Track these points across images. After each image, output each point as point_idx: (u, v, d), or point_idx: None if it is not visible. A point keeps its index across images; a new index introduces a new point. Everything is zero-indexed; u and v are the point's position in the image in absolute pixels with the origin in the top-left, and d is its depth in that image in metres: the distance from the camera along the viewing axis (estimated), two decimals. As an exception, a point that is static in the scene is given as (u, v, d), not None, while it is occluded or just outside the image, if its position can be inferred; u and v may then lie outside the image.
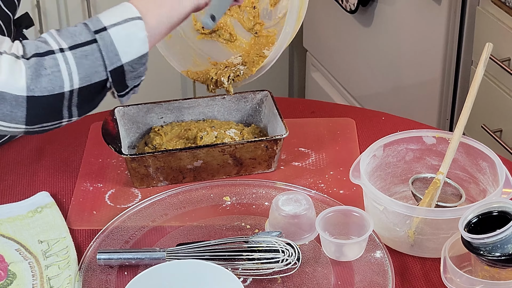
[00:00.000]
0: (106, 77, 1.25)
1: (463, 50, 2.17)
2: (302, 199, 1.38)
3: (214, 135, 1.56)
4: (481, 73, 1.41)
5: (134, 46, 1.25)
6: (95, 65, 1.23)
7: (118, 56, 1.24)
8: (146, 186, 1.52)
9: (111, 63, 1.24)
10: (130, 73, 1.27)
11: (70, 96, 1.23)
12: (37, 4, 2.61)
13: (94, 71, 1.23)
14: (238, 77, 1.53)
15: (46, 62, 1.21)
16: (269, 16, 1.60)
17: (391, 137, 1.45)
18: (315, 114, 1.72)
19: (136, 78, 1.29)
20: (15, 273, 1.33)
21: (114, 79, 1.25)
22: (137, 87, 1.31)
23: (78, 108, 1.25)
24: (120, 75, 1.26)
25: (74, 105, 1.25)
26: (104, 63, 1.24)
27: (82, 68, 1.23)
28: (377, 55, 2.51)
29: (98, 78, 1.24)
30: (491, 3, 2.01)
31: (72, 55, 1.22)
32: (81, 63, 1.23)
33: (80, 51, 1.23)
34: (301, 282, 1.31)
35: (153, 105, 1.62)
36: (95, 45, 1.23)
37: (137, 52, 1.25)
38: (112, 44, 1.23)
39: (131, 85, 1.29)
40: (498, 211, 1.24)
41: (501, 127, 2.06)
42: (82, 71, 1.23)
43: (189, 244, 1.34)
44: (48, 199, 1.48)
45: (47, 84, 1.21)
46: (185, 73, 1.59)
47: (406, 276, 1.33)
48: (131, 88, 1.30)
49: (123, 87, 1.28)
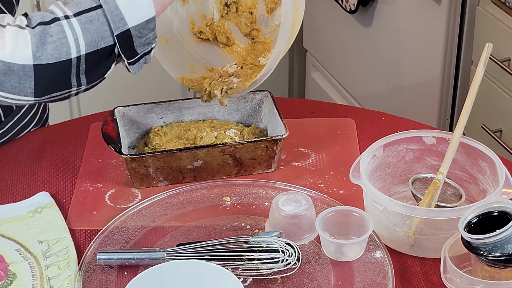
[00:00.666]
0: (113, 42, 1.24)
1: (463, 50, 2.17)
2: (302, 199, 1.39)
3: (214, 135, 1.56)
4: (481, 73, 1.42)
5: (139, 9, 1.25)
6: (101, 30, 1.23)
7: (124, 20, 1.24)
8: (146, 186, 1.52)
9: (117, 27, 1.23)
10: (138, 39, 1.26)
11: (78, 62, 1.22)
12: (37, 4, 2.61)
13: (100, 36, 1.23)
14: (231, 89, 1.53)
15: (52, 29, 1.21)
16: (266, 23, 1.60)
17: (391, 137, 1.45)
18: (315, 114, 1.72)
19: (145, 44, 1.28)
20: (15, 273, 1.33)
21: (121, 44, 1.25)
22: (148, 55, 1.30)
23: (87, 75, 1.24)
24: (127, 40, 1.25)
25: (82, 73, 1.24)
26: (110, 28, 1.23)
27: (88, 33, 1.22)
28: (377, 55, 2.51)
29: (105, 43, 1.24)
30: (491, 3, 2.02)
31: (77, 21, 1.22)
32: (86, 28, 1.22)
33: (85, 17, 1.22)
34: (301, 282, 1.31)
35: (153, 105, 1.62)
36: (100, 10, 1.23)
37: (143, 16, 1.25)
38: (117, 9, 1.23)
39: (141, 51, 1.28)
40: (498, 211, 1.24)
41: (501, 127, 2.06)
42: (88, 36, 1.22)
43: (189, 244, 1.34)
44: (48, 199, 1.48)
45: (53, 51, 1.20)
46: (181, 80, 1.59)
47: (406, 276, 1.33)
48: (141, 56, 1.29)
49: (132, 54, 1.27)
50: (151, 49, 1.29)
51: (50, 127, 1.72)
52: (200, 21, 1.62)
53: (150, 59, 1.31)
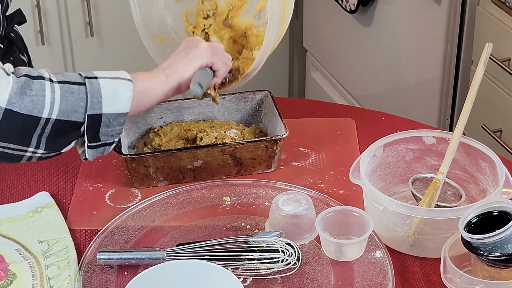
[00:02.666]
0: (83, 120, 1.28)
1: (463, 50, 2.17)
2: (302, 199, 1.39)
3: (214, 135, 1.56)
4: (481, 73, 1.42)
5: (118, 101, 1.30)
6: (77, 104, 1.27)
7: (100, 104, 1.28)
8: (146, 186, 1.52)
9: (92, 108, 1.28)
10: (105, 127, 1.30)
11: (45, 124, 1.26)
12: (37, 4, 2.61)
13: (74, 110, 1.27)
14: (223, 84, 1.53)
15: (34, 85, 1.25)
16: (258, 16, 1.60)
17: (391, 137, 1.45)
18: (315, 114, 1.72)
19: (109, 135, 1.32)
20: (15, 273, 1.33)
21: (89, 125, 1.29)
22: (107, 147, 1.34)
23: (48, 140, 1.28)
24: (96, 123, 1.29)
25: (45, 136, 1.27)
26: (86, 106, 1.28)
27: (65, 101, 1.27)
28: (377, 55, 2.51)
29: (75, 118, 1.28)
30: (491, 3, 2.01)
31: (59, 87, 1.27)
32: (65, 97, 1.27)
33: (68, 87, 1.27)
34: (301, 282, 1.31)
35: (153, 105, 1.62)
36: (83, 87, 1.28)
37: (119, 108, 1.30)
38: (99, 92, 1.29)
39: (103, 140, 1.32)
40: (498, 211, 1.24)
41: (501, 127, 2.06)
42: (63, 105, 1.26)
43: (189, 244, 1.34)
44: (48, 199, 1.48)
45: (28, 104, 1.24)
46: None
47: (406, 276, 1.33)
48: (102, 145, 1.32)
49: (95, 139, 1.31)
50: (113, 142, 1.34)
51: (50, 127, 1.72)
52: (193, 19, 1.62)
53: (107, 153, 1.35)
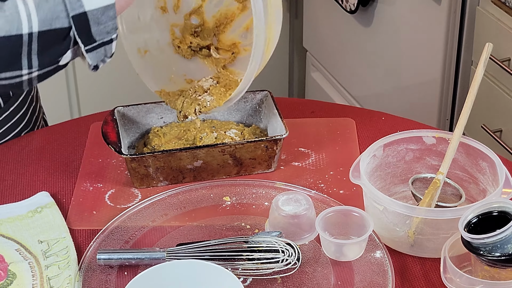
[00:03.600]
0: (68, 24, 1.21)
1: (463, 50, 2.17)
2: (302, 199, 1.39)
3: (213, 136, 1.56)
4: (481, 73, 1.42)
5: None
6: (56, 9, 1.20)
7: (80, 1, 1.20)
8: (146, 186, 1.52)
9: (72, 8, 1.20)
10: (96, 25, 1.23)
11: (30, 40, 1.19)
12: None
13: (55, 16, 1.20)
14: (205, 108, 1.52)
15: (5, 5, 1.18)
16: (245, 35, 1.59)
17: (391, 137, 1.45)
18: (315, 114, 1.72)
19: (104, 33, 1.24)
20: (15, 273, 1.33)
21: (78, 27, 1.21)
22: (108, 46, 1.26)
23: (39, 56, 1.21)
24: (84, 24, 1.21)
25: (34, 53, 1.20)
26: (66, 9, 1.20)
27: (41, 10, 1.19)
28: (377, 55, 2.52)
29: (60, 24, 1.20)
30: (491, 3, 2.02)
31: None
32: (40, 5, 1.19)
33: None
34: (301, 282, 1.31)
35: (153, 105, 1.62)
36: None
37: (101, 1, 1.22)
38: None
39: (99, 39, 1.24)
40: (498, 211, 1.24)
41: (501, 127, 2.06)
42: (41, 13, 1.19)
43: (189, 244, 1.34)
44: (48, 199, 1.48)
45: (3, 24, 1.17)
46: (158, 93, 1.57)
47: (406, 276, 1.33)
48: (100, 45, 1.25)
49: (89, 40, 1.23)
50: (111, 40, 1.26)
51: (50, 127, 1.72)
52: (179, 32, 1.61)
53: (111, 52, 1.27)
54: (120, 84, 3.00)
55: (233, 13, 1.59)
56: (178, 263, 1.24)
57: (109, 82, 3.01)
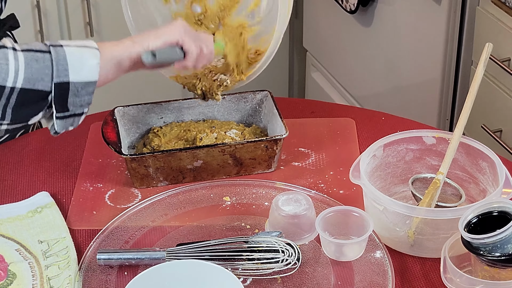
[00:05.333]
0: (49, 89, 1.26)
1: (463, 50, 2.17)
2: (302, 199, 1.39)
3: (213, 136, 1.56)
4: (481, 73, 1.42)
5: (85, 68, 1.28)
6: (43, 72, 1.25)
7: (67, 71, 1.26)
8: (146, 186, 1.52)
9: (58, 75, 1.26)
10: (74, 97, 1.28)
11: (10, 93, 1.23)
12: (37, 4, 2.61)
13: (40, 77, 1.25)
14: (226, 87, 1.53)
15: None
16: (252, 15, 1.60)
17: (391, 137, 1.45)
18: (315, 114, 1.72)
19: (78, 106, 1.30)
20: (15, 273, 1.33)
21: (56, 94, 1.26)
22: (76, 118, 1.31)
23: (14, 111, 1.25)
24: (63, 92, 1.27)
25: (10, 106, 1.25)
26: (52, 73, 1.25)
27: (29, 69, 1.24)
28: (377, 55, 2.51)
29: (42, 87, 1.25)
30: (491, 3, 2.01)
31: (23, 55, 1.24)
32: (30, 64, 1.24)
33: (32, 55, 1.25)
34: (301, 282, 1.31)
35: (153, 105, 1.62)
36: (48, 55, 1.26)
37: (86, 76, 1.28)
38: (65, 59, 1.26)
39: (72, 111, 1.30)
40: (498, 211, 1.24)
41: (501, 127, 2.06)
42: (28, 72, 1.24)
43: (189, 244, 1.34)
44: (48, 199, 1.48)
45: None
46: (174, 78, 1.59)
47: (406, 276, 1.33)
48: (71, 115, 1.30)
49: (63, 109, 1.29)
50: (82, 113, 1.31)
51: (50, 127, 1.72)
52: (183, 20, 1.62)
53: (77, 124, 1.32)
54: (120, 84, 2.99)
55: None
56: (178, 263, 1.24)
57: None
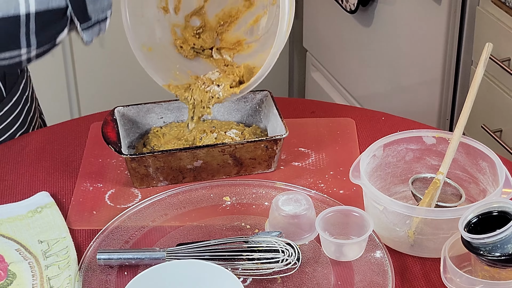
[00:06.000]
0: (65, 3, 1.22)
1: (463, 50, 2.17)
2: (302, 199, 1.39)
3: (213, 136, 1.56)
4: (481, 73, 1.42)
5: None
6: None
7: None
8: (146, 186, 1.52)
9: None
10: (92, 4, 1.24)
11: (27, 20, 1.20)
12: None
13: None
14: (218, 99, 1.53)
15: None
16: (251, 32, 1.60)
17: (391, 137, 1.45)
18: (315, 114, 1.72)
19: (99, 11, 1.26)
20: (15, 273, 1.33)
21: (74, 6, 1.22)
22: (102, 24, 1.27)
23: (37, 35, 1.22)
24: (80, 2, 1.23)
25: (32, 32, 1.21)
26: None
27: None
28: (377, 55, 2.52)
29: (56, 4, 1.21)
30: (491, 3, 2.02)
31: None
32: None
33: None
34: (301, 282, 1.31)
35: (153, 105, 1.62)
36: None
37: None
38: None
39: (95, 18, 1.26)
40: (498, 211, 1.24)
41: (501, 127, 2.06)
42: None
43: (189, 244, 1.34)
44: (48, 199, 1.48)
45: (1, 5, 1.18)
46: (167, 87, 1.58)
47: (406, 276, 1.33)
48: (95, 23, 1.26)
49: (86, 18, 1.25)
50: (106, 18, 1.27)
51: (50, 127, 1.72)
52: (180, 32, 1.62)
53: (105, 28, 1.28)
54: (120, 84, 3.00)
55: (238, 10, 1.60)
56: (178, 263, 1.24)
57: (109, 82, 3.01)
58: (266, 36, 1.57)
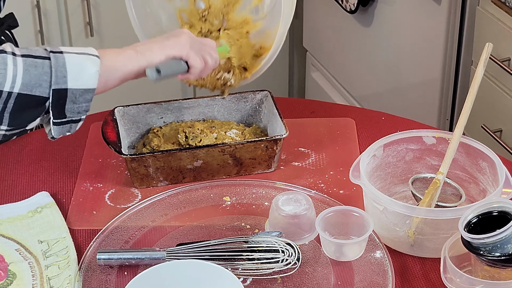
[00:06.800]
0: (47, 95, 1.26)
1: (463, 50, 2.17)
2: (302, 199, 1.39)
3: (213, 136, 1.56)
4: (481, 73, 1.42)
5: (84, 76, 1.27)
6: (41, 78, 1.25)
7: (65, 78, 1.26)
8: (146, 186, 1.52)
9: (56, 82, 1.25)
10: (71, 104, 1.28)
11: (8, 98, 1.24)
12: (37, 4, 2.61)
13: (38, 83, 1.25)
14: (230, 86, 1.54)
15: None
16: (256, 10, 1.60)
17: (391, 137, 1.45)
18: (315, 114, 1.72)
19: (75, 112, 1.30)
20: (15, 273, 1.33)
21: (54, 100, 1.26)
22: (74, 125, 1.31)
23: (11, 116, 1.25)
24: (61, 99, 1.27)
25: (7, 111, 1.25)
26: (50, 80, 1.25)
27: (28, 75, 1.24)
28: (377, 55, 2.51)
29: (39, 93, 1.25)
30: (491, 3, 2.01)
31: (22, 61, 1.24)
32: (28, 70, 1.24)
33: (31, 61, 1.25)
34: (301, 282, 1.31)
35: (153, 105, 1.62)
36: (48, 61, 1.25)
37: (85, 84, 1.28)
38: (64, 66, 1.26)
39: (69, 117, 1.30)
40: (498, 211, 1.24)
41: (501, 127, 2.06)
42: (27, 78, 1.24)
43: (189, 244, 1.34)
44: (48, 199, 1.48)
45: None
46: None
47: (406, 276, 1.33)
48: (68, 122, 1.30)
49: (60, 115, 1.29)
50: (80, 120, 1.31)
51: (50, 127, 1.72)
52: (187, 17, 1.62)
53: (75, 130, 1.32)
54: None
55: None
56: (178, 263, 1.24)
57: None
58: (272, 12, 1.57)
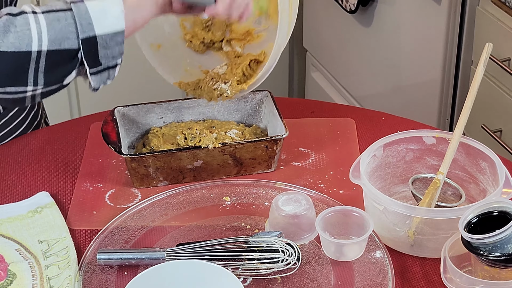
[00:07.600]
0: (77, 46, 1.23)
1: (463, 50, 2.17)
2: (302, 199, 1.39)
3: (213, 136, 1.56)
4: (481, 73, 1.42)
5: (109, 19, 1.24)
6: (67, 30, 1.22)
7: (91, 25, 1.22)
8: (146, 186, 1.52)
9: (83, 31, 1.22)
10: (103, 50, 1.25)
11: (38, 58, 1.21)
12: (37, 4, 2.61)
13: (65, 36, 1.22)
14: (227, 97, 1.53)
15: (17, 21, 1.20)
16: (259, 21, 1.60)
17: (391, 137, 1.45)
18: (315, 114, 1.72)
19: (110, 57, 1.26)
20: (15, 273, 1.33)
21: (85, 50, 1.23)
22: (112, 70, 1.28)
23: (45, 74, 1.23)
24: (92, 47, 1.24)
25: (41, 71, 1.22)
26: (76, 30, 1.22)
27: (52, 30, 1.21)
28: (377, 55, 2.51)
29: (69, 45, 1.22)
30: (491, 3, 2.02)
31: (44, 17, 1.21)
32: (52, 25, 1.21)
33: (53, 15, 1.21)
34: (301, 282, 1.31)
35: (153, 105, 1.62)
36: (70, 12, 1.22)
37: (112, 27, 1.24)
38: (87, 13, 1.22)
39: (105, 64, 1.27)
40: (498, 211, 1.24)
41: (501, 127, 2.06)
42: (52, 33, 1.21)
43: (189, 244, 1.34)
44: (48, 199, 1.48)
45: (14, 40, 1.19)
46: (178, 84, 1.59)
47: (406, 276, 1.33)
48: (104, 69, 1.27)
49: (96, 63, 1.25)
50: (116, 64, 1.28)
51: (50, 127, 1.72)
52: (190, 26, 1.62)
53: (113, 76, 1.29)
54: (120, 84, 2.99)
55: None
56: (178, 263, 1.24)
57: (109, 82, 3.00)
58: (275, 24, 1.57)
